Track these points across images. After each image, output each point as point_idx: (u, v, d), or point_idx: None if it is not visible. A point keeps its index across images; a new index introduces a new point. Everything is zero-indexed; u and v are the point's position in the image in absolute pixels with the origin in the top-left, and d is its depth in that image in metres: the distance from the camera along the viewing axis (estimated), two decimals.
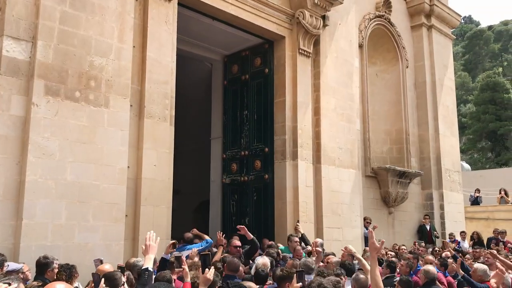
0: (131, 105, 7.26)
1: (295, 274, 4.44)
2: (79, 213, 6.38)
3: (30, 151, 6.03)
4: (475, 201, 18.61)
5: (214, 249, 7.41)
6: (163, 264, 5.49)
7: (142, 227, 7.06)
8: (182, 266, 4.32)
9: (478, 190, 18.83)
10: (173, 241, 6.17)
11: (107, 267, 4.82)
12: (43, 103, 6.23)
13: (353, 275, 5.03)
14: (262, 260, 5.60)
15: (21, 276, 4.44)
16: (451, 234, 13.57)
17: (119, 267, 5.16)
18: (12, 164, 5.98)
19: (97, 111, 6.76)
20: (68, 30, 6.60)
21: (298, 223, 9.24)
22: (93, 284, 3.99)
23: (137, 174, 7.31)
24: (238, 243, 7.14)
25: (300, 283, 4.31)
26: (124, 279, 4.18)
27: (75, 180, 6.38)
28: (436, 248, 10.59)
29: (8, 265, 4.74)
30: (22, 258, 5.61)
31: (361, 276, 4.81)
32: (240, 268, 5.34)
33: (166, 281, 4.22)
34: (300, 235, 8.68)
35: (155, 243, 3.90)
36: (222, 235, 7.49)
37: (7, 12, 6.17)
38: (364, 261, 5.39)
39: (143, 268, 3.83)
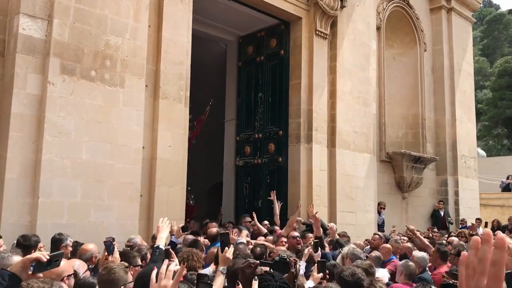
0: (146, 86, 7.23)
1: (316, 264, 4.26)
2: (94, 192, 6.41)
3: (46, 130, 6.04)
4: (507, 187, 18.30)
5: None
6: (171, 247, 5.42)
7: (157, 207, 7.09)
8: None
9: (510, 177, 18.54)
10: (181, 225, 6.11)
11: (91, 246, 4.51)
12: (59, 82, 6.21)
13: (403, 261, 4.97)
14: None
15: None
16: (462, 220, 13.46)
17: (127, 246, 5.18)
18: (28, 143, 6.00)
19: (113, 91, 6.74)
20: (84, 9, 6.55)
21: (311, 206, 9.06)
22: (106, 253, 3.97)
23: (152, 154, 7.31)
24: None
25: (321, 274, 4.12)
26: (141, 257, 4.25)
27: (90, 160, 6.40)
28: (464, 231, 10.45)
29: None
30: (38, 235, 5.66)
31: (410, 263, 4.74)
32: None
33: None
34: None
35: (166, 225, 4.10)
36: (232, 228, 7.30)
37: None
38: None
39: (154, 246, 4.02)
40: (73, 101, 6.32)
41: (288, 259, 3.69)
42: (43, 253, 2.54)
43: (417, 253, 5.51)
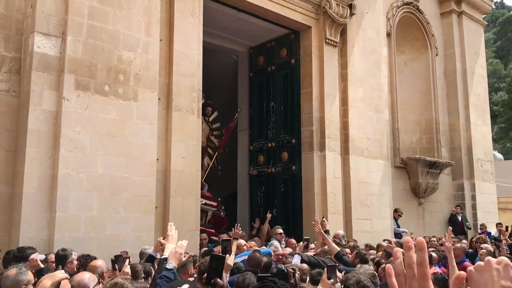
0: (159, 98, 7.33)
1: (325, 269, 4.12)
2: (110, 205, 6.49)
3: (62, 144, 6.15)
4: None
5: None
6: (149, 260, 5.15)
7: (172, 218, 7.12)
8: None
9: None
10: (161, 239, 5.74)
11: (100, 263, 4.51)
12: (73, 97, 6.34)
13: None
14: None
15: (45, 265, 4.55)
16: (482, 225, 13.27)
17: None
18: (45, 158, 6.12)
19: (126, 105, 6.84)
20: (96, 25, 6.69)
21: (324, 219, 8.96)
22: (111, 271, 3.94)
23: (166, 166, 7.39)
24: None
25: (332, 279, 4.01)
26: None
27: (105, 173, 6.49)
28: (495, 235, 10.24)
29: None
30: (57, 249, 5.74)
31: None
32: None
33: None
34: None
35: (175, 234, 3.76)
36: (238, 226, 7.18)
37: (37, 9, 6.29)
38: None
39: (162, 257, 3.71)
40: (87, 116, 6.44)
41: (286, 270, 3.72)
42: None
43: None
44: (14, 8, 6.51)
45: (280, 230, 8.40)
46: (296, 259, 5.29)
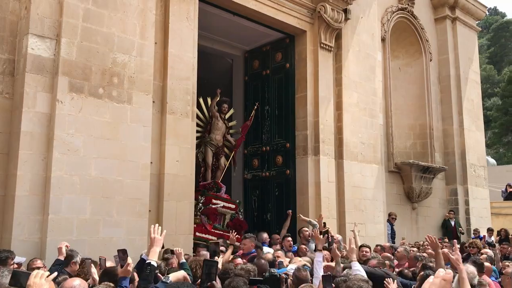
0: (153, 101, 7.31)
1: (320, 279, 3.98)
2: (104, 208, 6.46)
3: (56, 147, 6.12)
4: (509, 196, 17.98)
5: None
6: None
7: (165, 222, 7.11)
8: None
9: (510, 185, 18.27)
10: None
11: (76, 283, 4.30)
12: (67, 100, 6.31)
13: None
14: None
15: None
16: (475, 230, 13.32)
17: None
18: (38, 160, 6.09)
19: (120, 108, 6.82)
20: (91, 28, 6.68)
21: (321, 218, 8.97)
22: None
23: (160, 169, 7.37)
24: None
25: None
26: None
27: (99, 176, 6.46)
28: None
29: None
30: (49, 252, 5.71)
31: None
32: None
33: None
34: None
35: (160, 236, 3.73)
36: (235, 234, 7.06)
37: (32, 11, 6.27)
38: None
39: (146, 261, 3.63)
40: (81, 118, 6.41)
41: (279, 275, 3.70)
42: None
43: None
44: (8, 10, 6.48)
45: (277, 236, 8.41)
46: (356, 267, 4.59)
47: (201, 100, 9.90)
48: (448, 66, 14.23)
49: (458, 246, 7.32)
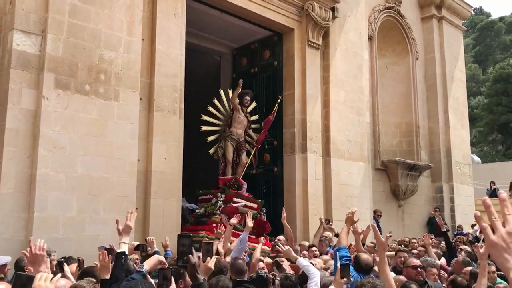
0: (140, 98, 7.28)
1: (338, 268, 3.96)
2: (90, 205, 6.42)
3: (41, 144, 6.06)
4: (494, 194, 18.19)
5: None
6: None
7: (152, 219, 7.09)
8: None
9: (493, 183, 18.50)
10: (136, 243, 5.51)
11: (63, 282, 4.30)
12: (53, 96, 6.25)
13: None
14: None
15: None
16: (459, 226, 13.48)
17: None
18: (23, 157, 6.02)
19: (107, 105, 6.78)
20: (77, 24, 6.61)
21: (331, 224, 8.71)
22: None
23: (147, 167, 7.34)
24: None
25: (345, 278, 3.86)
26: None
27: (85, 173, 6.42)
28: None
29: None
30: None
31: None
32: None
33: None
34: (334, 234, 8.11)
35: (132, 224, 3.76)
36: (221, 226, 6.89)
37: (17, 6, 6.19)
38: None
39: (118, 251, 3.59)
40: (67, 115, 6.35)
41: (266, 276, 3.69)
42: None
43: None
44: None
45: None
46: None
47: (221, 91, 9.73)
48: (434, 64, 14.37)
49: (432, 237, 7.49)
